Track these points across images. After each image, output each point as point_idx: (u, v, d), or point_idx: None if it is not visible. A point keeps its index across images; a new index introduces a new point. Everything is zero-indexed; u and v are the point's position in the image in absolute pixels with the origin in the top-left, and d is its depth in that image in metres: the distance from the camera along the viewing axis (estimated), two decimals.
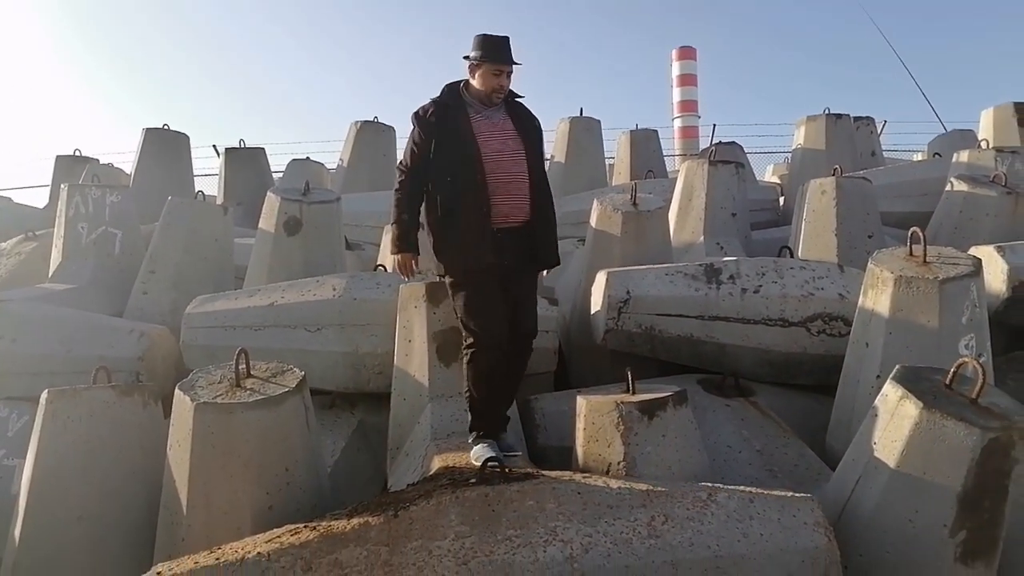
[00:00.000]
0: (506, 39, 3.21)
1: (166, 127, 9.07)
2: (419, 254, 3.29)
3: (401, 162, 3.31)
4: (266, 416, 2.82)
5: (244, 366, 3.02)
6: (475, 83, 3.22)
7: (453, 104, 3.19)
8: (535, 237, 3.20)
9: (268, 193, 5.73)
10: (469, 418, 3.22)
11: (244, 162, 9.07)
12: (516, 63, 3.21)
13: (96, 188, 6.42)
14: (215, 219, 6.06)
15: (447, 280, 3.24)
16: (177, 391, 2.97)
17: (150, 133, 8.94)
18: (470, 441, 3.15)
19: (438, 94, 3.26)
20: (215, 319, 4.48)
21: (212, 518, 2.82)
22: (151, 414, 3.58)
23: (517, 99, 3.33)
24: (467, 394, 3.20)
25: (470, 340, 3.13)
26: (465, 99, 3.22)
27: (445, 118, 3.15)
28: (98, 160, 9.92)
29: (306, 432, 3.01)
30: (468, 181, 3.07)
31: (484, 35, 3.21)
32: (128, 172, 9.36)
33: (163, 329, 4.88)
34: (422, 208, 3.26)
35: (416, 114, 3.21)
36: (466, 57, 3.23)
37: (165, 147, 8.94)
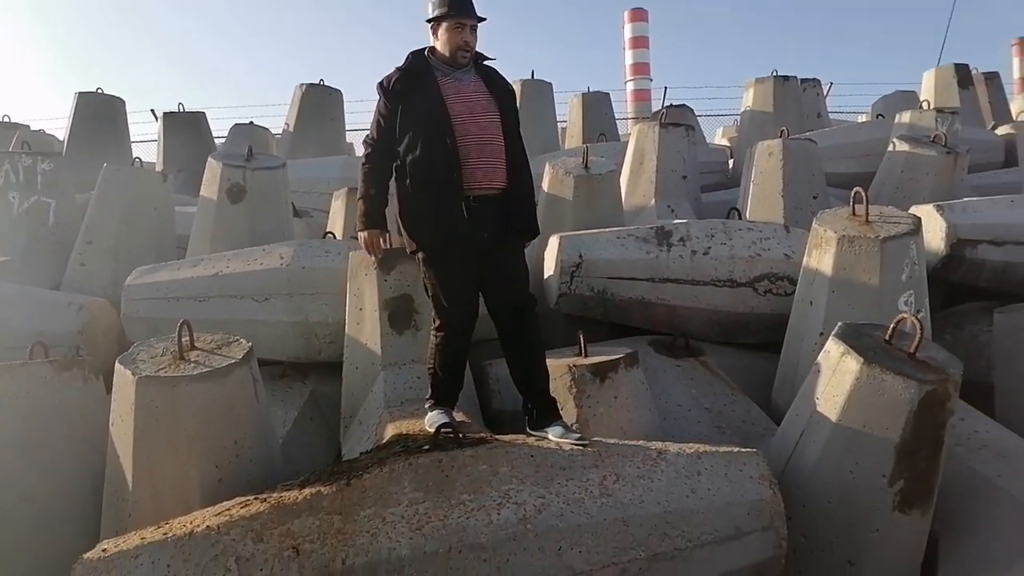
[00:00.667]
0: None
1: (100, 91, 8.68)
2: (387, 230, 3.17)
3: (367, 136, 3.13)
4: (212, 389, 2.75)
5: (187, 338, 2.94)
6: (439, 45, 3.02)
7: (419, 70, 3.00)
8: (512, 204, 3.01)
9: (209, 159, 5.55)
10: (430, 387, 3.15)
11: (184, 127, 8.76)
12: (480, 18, 3.03)
13: (27, 156, 6.11)
14: (154, 187, 5.85)
15: (419, 256, 3.03)
16: (118, 365, 2.88)
17: (83, 97, 8.56)
18: (426, 407, 3.11)
19: (402, 62, 3.08)
20: (157, 290, 4.35)
21: (159, 493, 2.75)
22: (92, 389, 3.47)
23: (487, 62, 3.15)
24: (429, 367, 3.13)
25: (438, 323, 3.03)
26: (432, 64, 3.02)
27: (410, 85, 2.97)
28: (28, 126, 9.44)
29: (255, 404, 2.95)
30: (438, 146, 2.89)
31: None
32: (61, 139, 8.96)
33: (102, 301, 4.72)
34: (391, 183, 3.10)
35: (380, 84, 3.03)
36: (428, 21, 3.04)
37: (99, 112, 8.58)
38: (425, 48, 3.09)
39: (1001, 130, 8.71)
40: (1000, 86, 10.56)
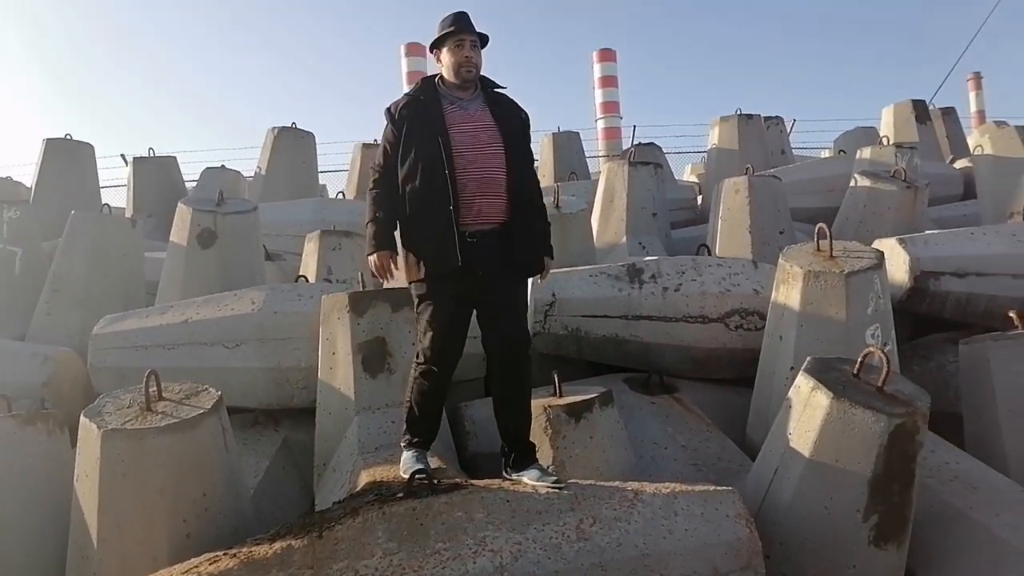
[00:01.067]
0: (463, 13, 2.97)
1: (68, 137, 8.63)
2: (397, 252, 2.99)
3: (374, 161, 3.07)
4: (180, 440, 2.70)
5: (155, 388, 2.89)
6: (444, 70, 2.96)
7: (426, 97, 2.93)
8: (513, 240, 2.88)
9: (179, 204, 5.52)
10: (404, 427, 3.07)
11: (154, 172, 8.72)
12: (481, 34, 2.97)
13: None
14: (123, 233, 5.79)
15: (413, 286, 2.94)
16: (83, 418, 2.82)
17: (52, 143, 8.50)
18: (401, 445, 3.02)
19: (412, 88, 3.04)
20: (125, 339, 4.28)
21: (126, 550, 2.68)
22: (57, 443, 3.39)
23: (498, 90, 3.06)
24: (406, 403, 3.04)
25: (422, 357, 2.92)
26: (440, 91, 2.95)
27: (415, 111, 2.90)
28: None
29: (224, 454, 2.90)
30: (435, 176, 2.81)
31: (443, 17, 2.98)
32: (28, 186, 8.87)
33: (69, 352, 4.63)
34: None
35: (388, 109, 2.97)
36: (431, 49, 3.01)
37: (68, 158, 8.51)
38: (436, 75, 3.03)
39: (959, 163, 8.98)
40: (957, 120, 10.92)
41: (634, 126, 15.56)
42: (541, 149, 10.05)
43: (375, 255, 2.95)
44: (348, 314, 3.65)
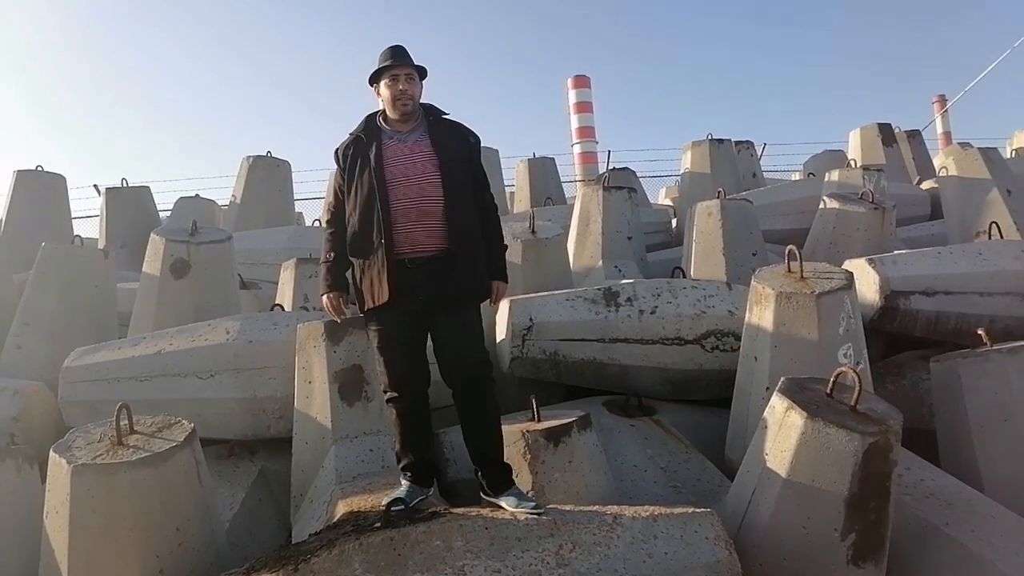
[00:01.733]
0: (399, 46, 3.02)
1: (40, 168, 8.54)
2: (347, 292, 3.07)
3: (326, 202, 3.14)
4: (152, 475, 2.65)
5: (126, 422, 2.84)
6: (384, 105, 3.00)
7: (367, 134, 2.98)
8: (455, 266, 2.88)
9: (152, 234, 5.47)
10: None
11: (127, 202, 8.66)
12: (414, 66, 2.98)
13: None
14: (95, 264, 5.73)
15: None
16: (52, 453, 2.76)
17: (22, 175, 8.41)
18: (401, 478, 3.03)
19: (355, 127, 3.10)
20: (96, 372, 4.21)
21: None
22: (26, 480, 3.32)
23: (444, 116, 3.07)
24: (393, 443, 3.09)
25: (383, 388, 3.01)
26: (381, 127, 3.00)
27: (356, 150, 2.97)
28: None
29: (198, 487, 2.85)
30: (369, 210, 2.87)
31: (380, 52, 3.02)
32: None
33: (39, 386, 4.54)
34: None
35: (336, 151, 3.05)
36: (371, 85, 3.04)
37: (39, 190, 8.43)
38: (380, 111, 3.07)
39: (926, 184, 9.18)
40: (922, 142, 11.17)
41: (608, 151, 15.80)
42: (517, 175, 10.14)
43: (326, 296, 3.06)
44: (324, 343, 3.63)
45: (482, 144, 3.19)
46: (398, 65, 2.94)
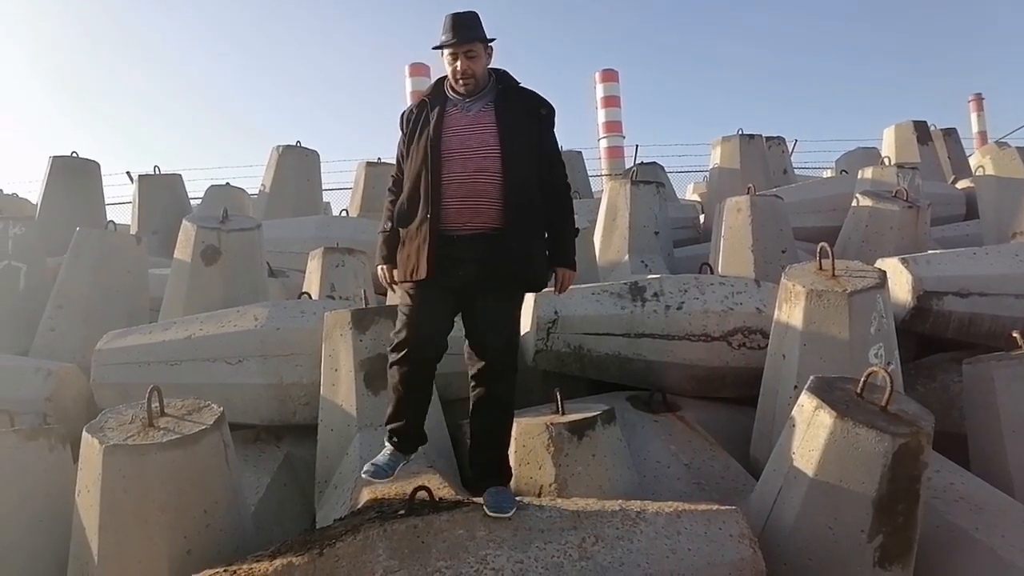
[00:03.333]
0: (464, 15, 2.79)
1: (74, 154, 8.69)
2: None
3: (394, 170, 3.00)
4: (181, 456, 2.70)
5: (157, 404, 2.89)
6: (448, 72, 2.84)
7: (433, 99, 2.83)
8: (505, 246, 2.69)
9: (184, 221, 5.54)
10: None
11: (159, 189, 8.77)
12: (478, 40, 2.77)
13: None
14: (127, 249, 5.82)
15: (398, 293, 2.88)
16: (85, 433, 2.81)
17: (57, 161, 8.55)
18: (385, 440, 2.93)
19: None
20: (128, 355, 4.28)
21: (126, 567, 2.66)
22: (59, 459, 3.38)
23: (517, 85, 2.88)
24: (387, 411, 2.93)
25: (392, 346, 2.82)
26: (447, 93, 2.85)
27: (419, 116, 2.83)
28: (1, 190, 9.43)
29: (226, 471, 2.89)
30: (418, 180, 2.73)
31: (444, 17, 2.81)
32: (34, 202, 8.92)
33: (72, 367, 4.63)
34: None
35: (401, 115, 2.91)
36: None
37: (74, 176, 8.56)
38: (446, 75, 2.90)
39: (961, 184, 9.00)
40: (958, 141, 10.96)
41: (636, 145, 15.67)
42: None
43: (380, 267, 2.96)
44: (351, 331, 3.66)
45: None
46: (456, 44, 2.76)
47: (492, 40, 2.84)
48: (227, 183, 9.83)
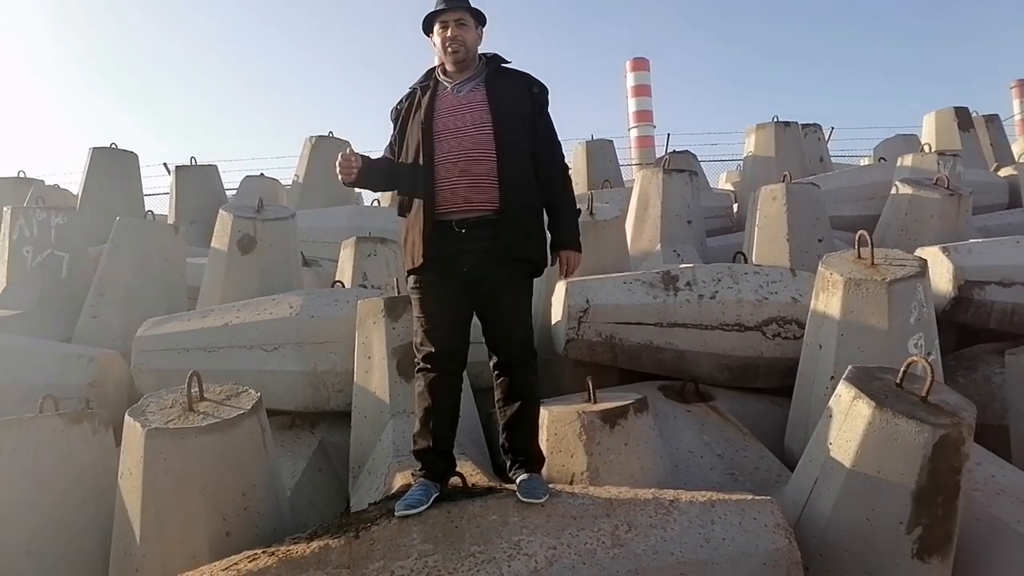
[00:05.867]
0: None
1: (114, 146, 8.86)
2: (368, 163, 2.81)
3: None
4: (221, 440, 2.75)
5: (197, 389, 2.95)
6: (438, 56, 2.82)
7: (424, 85, 2.82)
8: (505, 229, 2.65)
9: (220, 211, 5.63)
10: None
11: (196, 180, 8.91)
12: (469, 9, 2.78)
13: (41, 210, 6.24)
14: (166, 239, 5.93)
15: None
16: (127, 417, 2.88)
17: (97, 152, 8.73)
18: (411, 475, 2.81)
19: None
20: (167, 342, 4.37)
21: (167, 547, 2.73)
22: (101, 442, 3.47)
23: (507, 66, 2.87)
24: (414, 431, 2.81)
25: (416, 359, 2.77)
26: (439, 79, 2.83)
27: (411, 104, 2.82)
28: (43, 181, 9.65)
29: (263, 455, 2.94)
30: (416, 166, 2.71)
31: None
32: (75, 193, 9.13)
33: (113, 353, 4.74)
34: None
35: (391, 109, 2.92)
36: (427, 35, 2.88)
37: (113, 167, 8.74)
38: (439, 65, 2.90)
39: (1004, 171, 8.76)
40: (1000, 128, 10.66)
41: (668, 134, 15.48)
42: (575, 157, 10.05)
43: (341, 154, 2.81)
44: (383, 319, 3.69)
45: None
46: (448, 10, 2.77)
47: (485, 21, 2.84)
48: (261, 174, 9.96)
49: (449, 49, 2.76)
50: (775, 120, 8.91)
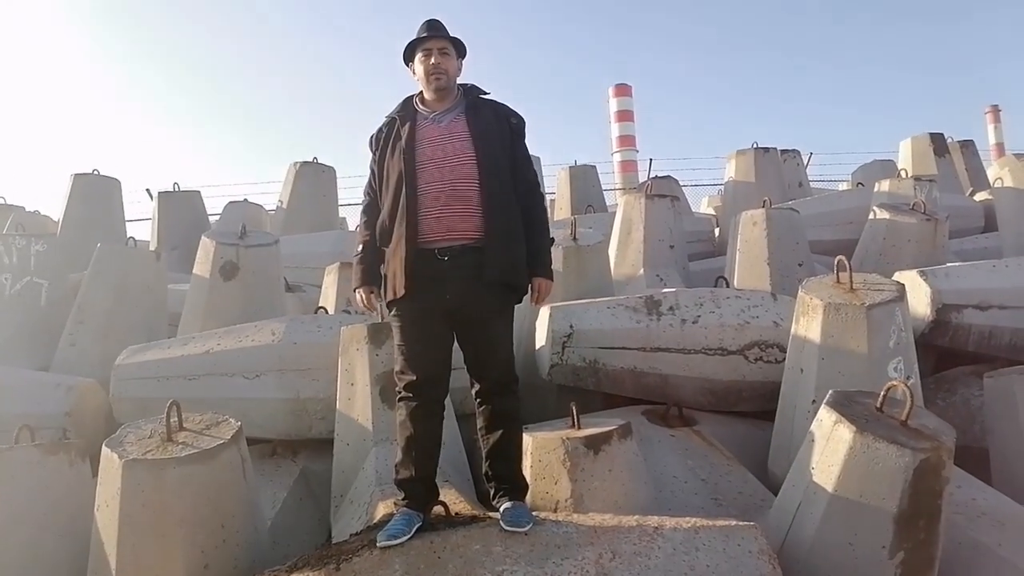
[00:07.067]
0: (434, 20, 2.85)
1: (96, 172, 8.82)
2: (379, 285, 2.88)
3: (364, 193, 2.98)
4: (200, 471, 2.71)
5: (176, 419, 2.91)
6: (419, 85, 2.85)
7: (403, 115, 2.83)
8: (489, 257, 2.66)
9: (203, 237, 5.62)
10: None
11: (178, 206, 8.89)
12: (450, 38, 2.81)
13: (20, 237, 6.19)
14: (147, 265, 5.89)
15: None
16: (104, 448, 2.84)
17: (79, 179, 8.70)
18: (393, 504, 2.80)
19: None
20: (147, 370, 4.32)
21: None
22: (78, 473, 3.41)
23: (484, 96, 2.89)
24: (396, 460, 2.79)
25: (398, 387, 2.77)
26: (417, 108, 2.84)
27: (390, 133, 2.82)
28: (23, 208, 9.58)
29: (243, 485, 2.90)
30: (397, 195, 2.70)
31: (421, 24, 2.85)
32: (56, 220, 9.06)
33: (91, 382, 4.68)
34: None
35: (370, 137, 2.91)
36: (406, 65, 2.90)
37: (95, 193, 8.71)
38: (417, 93, 2.92)
39: (979, 196, 8.93)
40: (975, 153, 10.88)
41: (650, 159, 15.71)
42: (558, 182, 10.14)
43: (356, 290, 2.91)
44: (367, 346, 3.68)
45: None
46: (431, 38, 2.78)
47: (464, 53, 2.87)
48: (245, 199, 9.96)
49: (432, 77, 2.78)
50: (755, 146, 9.06)
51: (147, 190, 11.61)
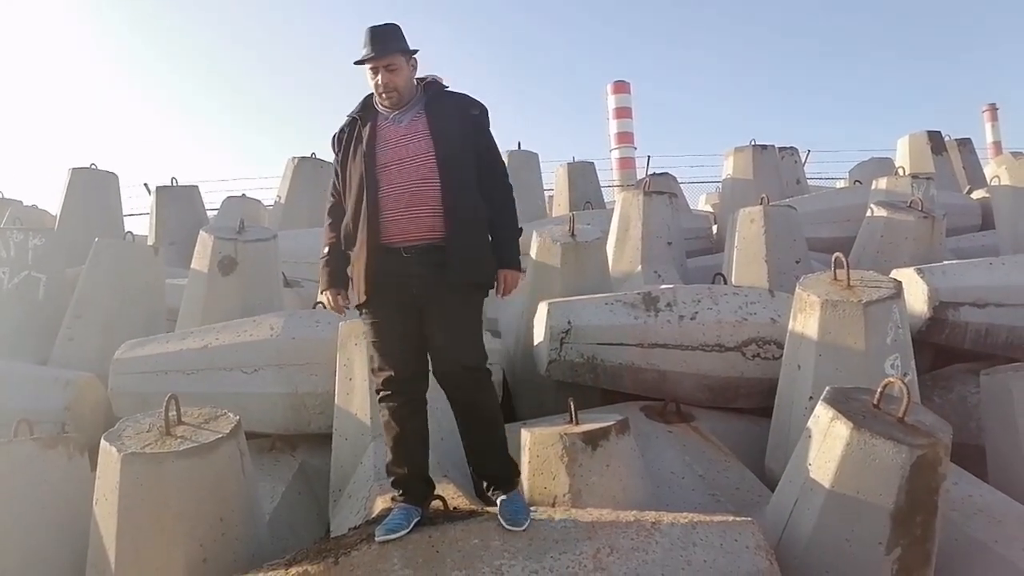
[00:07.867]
0: (382, 27, 2.73)
1: (93, 167, 8.80)
2: (346, 287, 2.89)
3: (328, 194, 2.98)
4: (198, 465, 2.72)
5: (174, 413, 2.91)
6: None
7: (363, 115, 2.80)
8: (452, 256, 2.66)
9: (201, 232, 5.60)
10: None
11: (177, 200, 8.85)
12: (398, 52, 2.71)
13: (18, 231, 6.17)
14: (145, 260, 5.88)
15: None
16: (103, 442, 2.84)
17: (76, 173, 8.66)
18: (391, 500, 2.82)
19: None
20: (145, 364, 4.32)
21: (143, 574, 2.68)
22: (76, 467, 3.41)
23: (446, 90, 2.85)
24: (386, 458, 2.84)
25: (375, 385, 2.79)
26: (378, 109, 2.80)
27: (351, 134, 2.80)
28: (21, 202, 9.55)
29: (241, 479, 2.91)
30: (359, 198, 2.70)
31: (365, 30, 2.76)
32: (54, 214, 9.04)
33: (90, 376, 4.68)
34: None
35: (332, 138, 2.89)
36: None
37: (93, 187, 8.67)
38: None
39: (976, 194, 8.94)
40: (973, 151, 10.89)
41: (648, 156, 15.67)
42: (557, 179, 10.14)
43: (325, 293, 2.92)
44: (365, 340, 3.68)
45: (522, 147, 3.02)
46: (376, 57, 2.70)
47: (415, 52, 2.79)
48: (243, 194, 9.93)
49: (383, 96, 2.75)
50: (752, 143, 9.07)
51: (145, 184, 11.57)
